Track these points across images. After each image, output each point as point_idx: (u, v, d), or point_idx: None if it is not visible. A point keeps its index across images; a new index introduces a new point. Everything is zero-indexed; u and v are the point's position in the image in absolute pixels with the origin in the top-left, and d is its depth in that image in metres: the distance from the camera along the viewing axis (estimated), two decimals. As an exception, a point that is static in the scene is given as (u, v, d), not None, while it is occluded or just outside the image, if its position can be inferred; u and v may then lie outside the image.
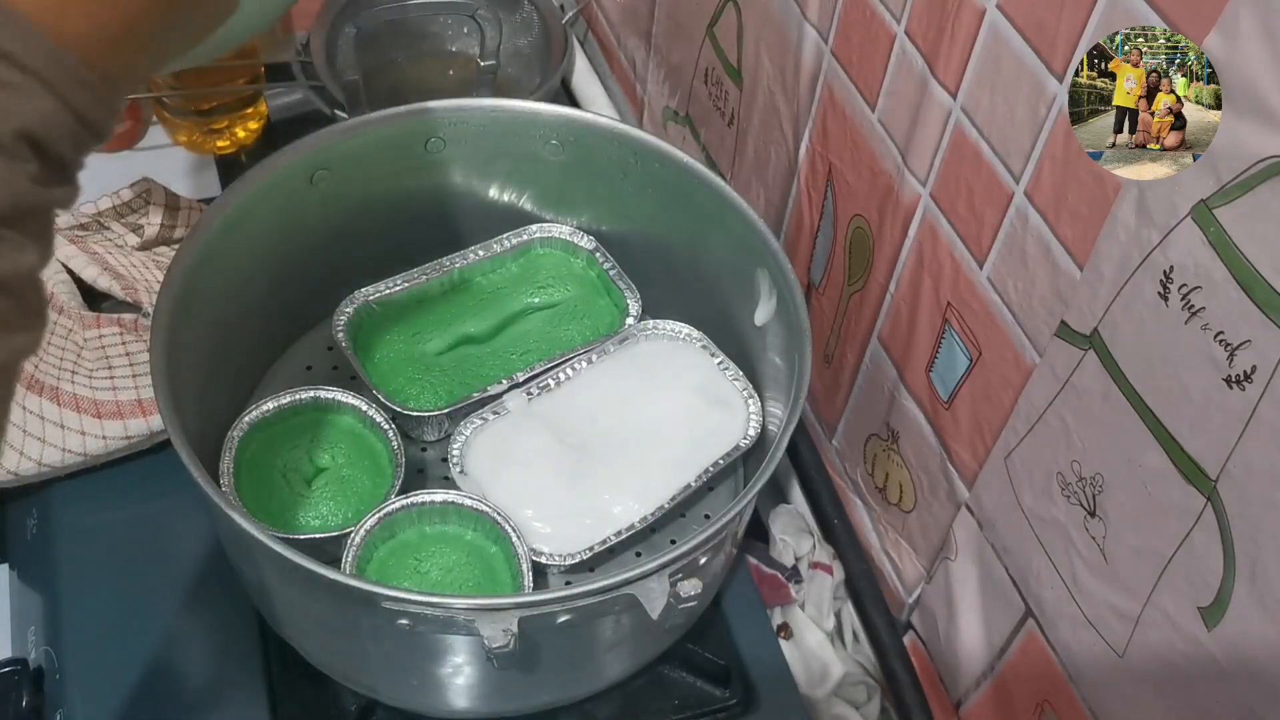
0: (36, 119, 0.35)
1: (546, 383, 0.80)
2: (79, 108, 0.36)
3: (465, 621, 0.61)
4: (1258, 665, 0.49)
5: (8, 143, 0.34)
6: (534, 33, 1.11)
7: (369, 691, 0.73)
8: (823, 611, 0.83)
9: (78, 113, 0.36)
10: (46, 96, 0.35)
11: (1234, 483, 0.48)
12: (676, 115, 1.02)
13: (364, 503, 0.74)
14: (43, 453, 0.80)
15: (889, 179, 0.71)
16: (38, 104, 0.35)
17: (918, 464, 0.75)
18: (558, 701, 0.74)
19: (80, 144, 0.37)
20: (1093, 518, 0.58)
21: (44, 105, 0.35)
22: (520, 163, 0.83)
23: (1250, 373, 0.46)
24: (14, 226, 0.35)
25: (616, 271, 0.85)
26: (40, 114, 0.35)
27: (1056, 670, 0.64)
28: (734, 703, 0.76)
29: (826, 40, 0.74)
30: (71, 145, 0.37)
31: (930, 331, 0.70)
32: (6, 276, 0.35)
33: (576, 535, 0.73)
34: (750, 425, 0.78)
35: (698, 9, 0.92)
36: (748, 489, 0.65)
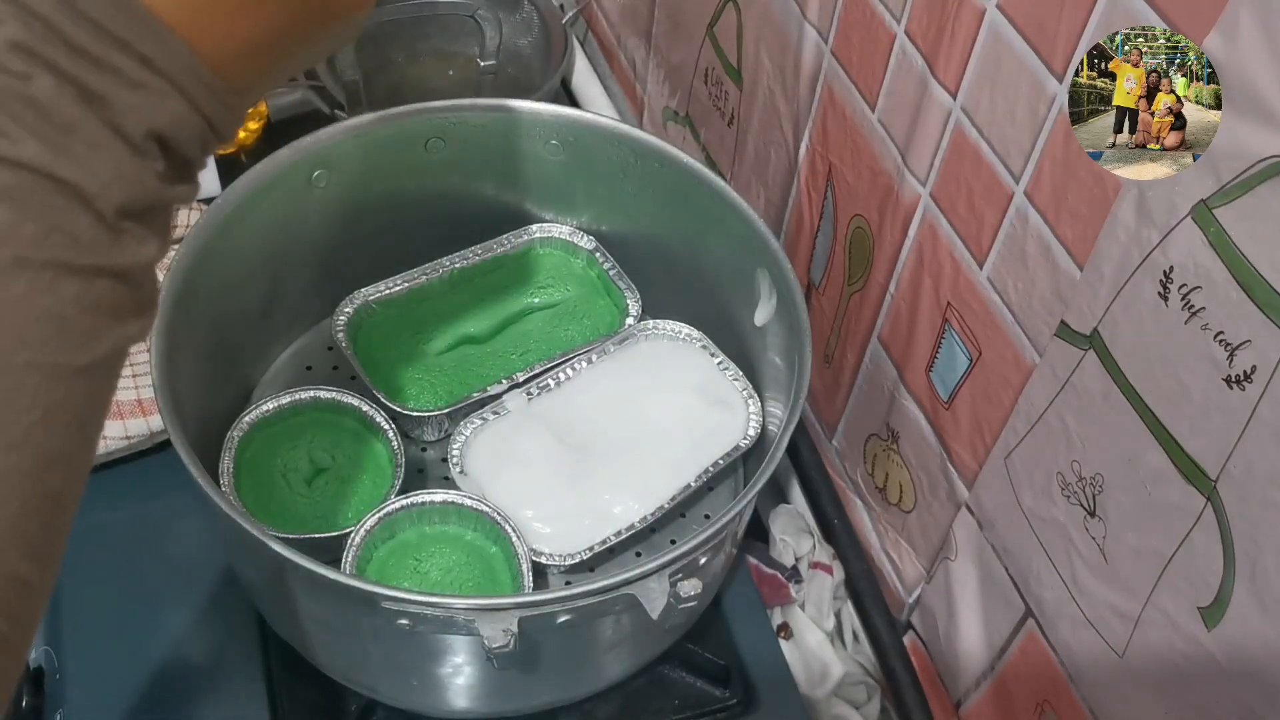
0: (168, 121, 0.37)
1: (546, 383, 0.80)
2: (208, 113, 0.38)
3: (465, 621, 0.61)
4: (1258, 665, 0.49)
5: (139, 141, 0.37)
6: (534, 33, 1.11)
7: (369, 691, 0.73)
8: (823, 611, 0.83)
9: (207, 117, 0.38)
10: (179, 100, 0.37)
11: (1234, 483, 0.48)
12: (676, 115, 1.02)
13: (364, 503, 0.74)
14: (43, 453, 0.80)
15: (889, 179, 0.71)
16: (170, 107, 0.37)
17: (918, 464, 0.75)
18: (558, 701, 0.74)
19: (206, 146, 0.39)
20: (1093, 518, 0.58)
21: (176, 108, 0.38)
22: (520, 163, 0.83)
23: (1250, 373, 0.46)
24: (139, 220, 0.38)
25: (616, 271, 0.85)
26: (172, 116, 0.37)
27: (1056, 670, 0.64)
28: (734, 703, 0.76)
29: (826, 40, 0.74)
30: (198, 147, 0.39)
31: (930, 331, 0.70)
32: (128, 267, 0.37)
33: (576, 535, 0.73)
34: (750, 425, 0.78)
35: (698, 9, 0.92)
36: (748, 489, 0.65)
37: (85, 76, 0.35)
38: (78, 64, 0.35)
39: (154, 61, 0.37)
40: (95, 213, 0.36)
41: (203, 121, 0.38)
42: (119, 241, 0.37)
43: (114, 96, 0.36)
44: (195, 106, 0.38)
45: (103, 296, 0.37)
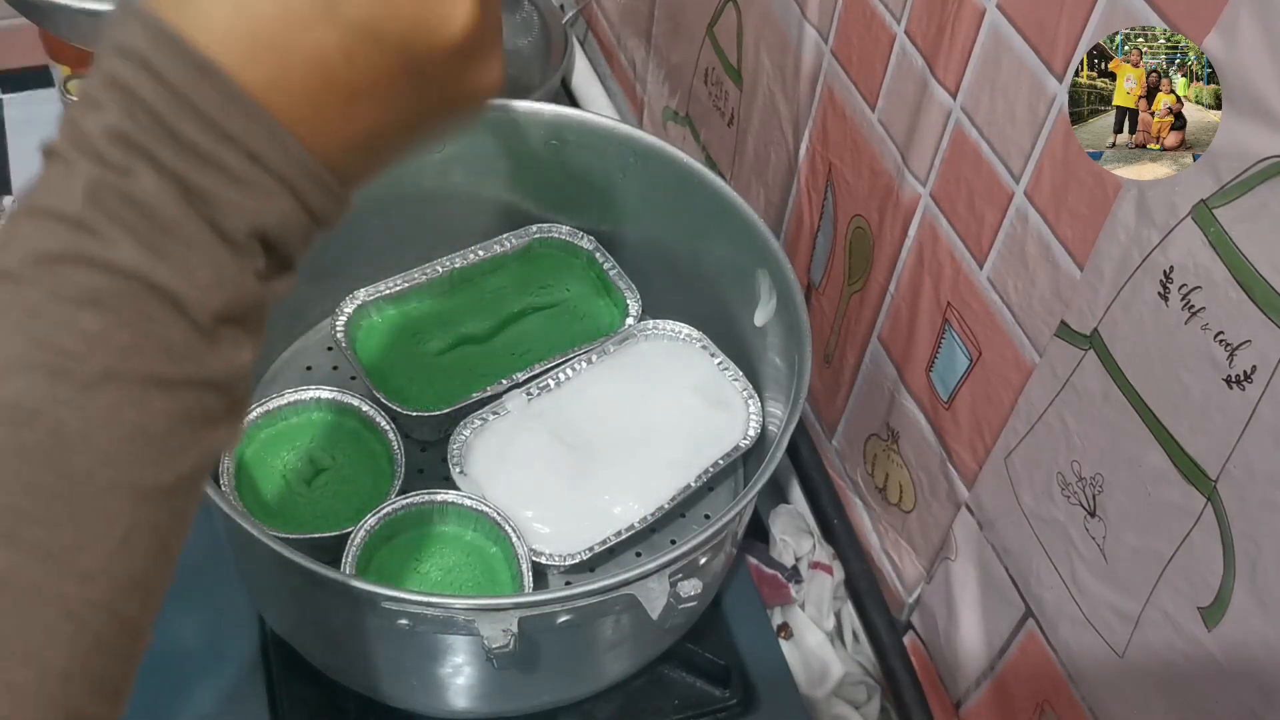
0: (275, 219, 0.35)
1: (546, 383, 0.80)
2: (316, 209, 0.36)
3: (465, 621, 0.61)
4: (1258, 665, 0.49)
5: (241, 240, 0.34)
6: (534, 33, 1.11)
7: (369, 691, 0.73)
8: (823, 611, 0.83)
9: (314, 213, 0.36)
10: (287, 198, 0.35)
11: (1234, 483, 0.48)
12: (676, 115, 1.02)
13: (364, 503, 0.74)
14: (43, 453, 0.80)
15: (889, 179, 0.71)
16: (277, 205, 0.35)
17: (918, 464, 0.75)
18: (558, 701, 0.74)
19: (309, 240, 0.37)
20: (1093, 518, 0.58)
21: (283, 206, 0.35)
22: (520, 163, 0.83)
23: (1250, 373, 0.46)
24: (235, 324, 0.35)
25: (616, 271, 0.85)
26: (279, 215, 0.35)
27: (1056, 670, 0.64)
28: (734, 703, 0.76)
29: (826, 40, 0.74)
30: (302, 242, 0.37)
31: (930, 331, 0.70)
32: (223, 376, 0.35)
33: (576, 535, 0.73)
34: (750, 425, 0.78)
35: (698, 9, 0.92)
36: (748, 489, 0.65)
37: (189, 173, 0.33)
38: (182, 159, 0.33)
39: (263, 158, 0.34)
40: (191, 320, 0.34)
41: (308, 217, 0.36)
42: (214, 349, 0.35)
43: (218, 194, 0.34)
44: (303, 203, 0.36)
45: (193, 407, 0.34)
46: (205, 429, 0.35)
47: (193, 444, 0.35)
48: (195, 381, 0.34)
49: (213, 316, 0.34)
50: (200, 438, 0.35)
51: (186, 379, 0.34)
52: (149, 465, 0.33)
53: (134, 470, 0.33)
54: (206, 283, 0.34)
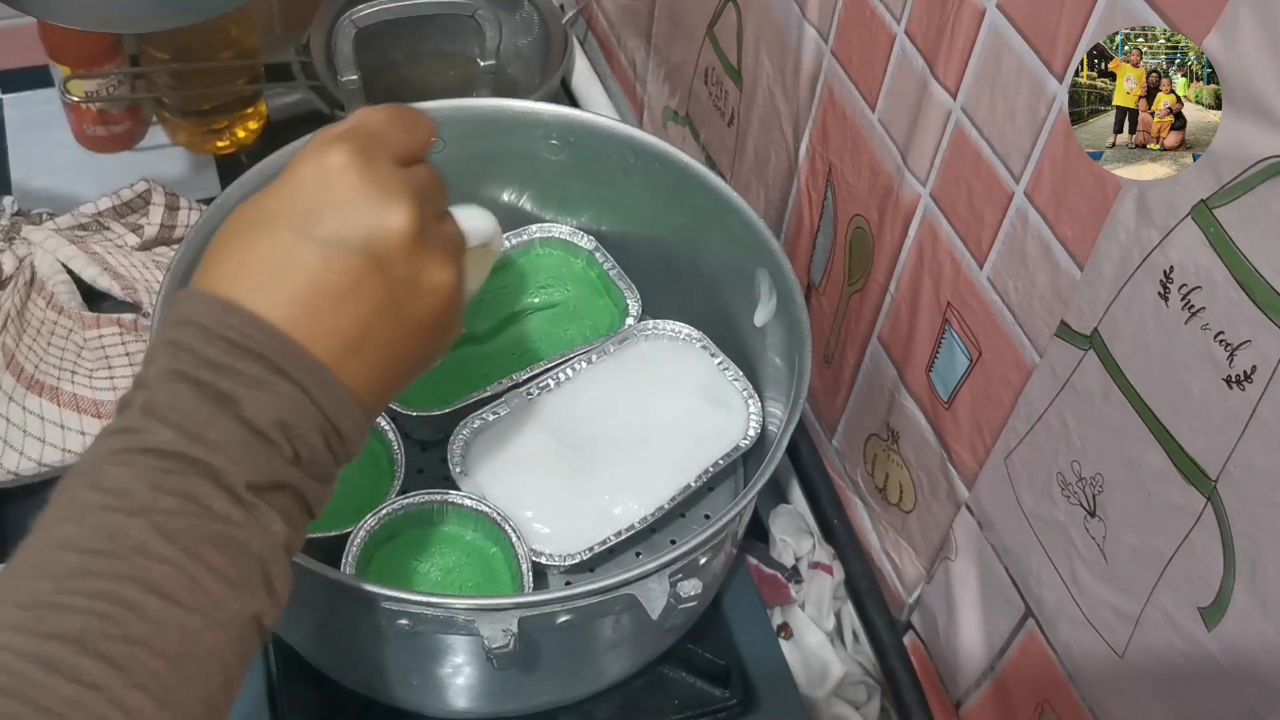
0: (288, 410, 0.44)
1: (546, 383, 0.80)
2: (320, 401, 0.45)
3: (465, 621, 0.61)
4: (1258, 665, 0.49)
5: (265, 428, 0.43)
6: (534, 33, 1.11)
7: (369, 691, 0.73)
8: (823, 611, 0.83)
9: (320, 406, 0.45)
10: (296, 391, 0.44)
11: (1234, 483, 0.48)
12: (676, 115, 1.02)
13: (364, 503, 0.74)
14: (43, 453, 0.80)
15: (889, 179, 0.71)
16: (288, 396, 0.44)
17: (918, 464, 0.75)
18: (558, 701, 0.74)
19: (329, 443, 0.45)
20: (1093, 518, 0.58)
21: (294, 397, 0.44)
22: (520, 163, 0.83)
23: (1250, 373, 0.46)
24: (267, 498, 0.43)
25: (616, 271, 0.85)
26: (291, 405, 0.44)
27: (1056, 670, 0.64)
28: (734, 703, 0.76)
29: (826, 40, 0.74)
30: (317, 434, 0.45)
31: (930, 331, 0.70)
32: (255, 541, 0.42)
33: (576, 535, 0.73)
34: (750, 425, 0.78)
35: (698, 9, 0.92)
36: (748, 489, 0.65)
37: (219, 382, 0.43)
38: (213, 374, 0.43)
39: (274, 362, 0.43)
40: (227, 488, 0.42)
41: (316, 409, 0.44)
42: (249, 515, 0.42)
43: (241, 395, 0.43)
44: (309, 395, 0.44)
45: (228, 566, 0.42)
46: (243, 591, 0.42)
47: (233, 600, 0.42)
48: (232, 540, 0.42)
49: (245, 485, 0.42)
50: (240, 597, 0.42)
51: (224, 537, 0.42)
52: (196, 610, 0.41)
53: (182, 608, 0.40)
54: (235, 457, 0.42)
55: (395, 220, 0.46)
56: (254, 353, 0.43)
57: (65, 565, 0.40)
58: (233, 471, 0.42)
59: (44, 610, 0.39)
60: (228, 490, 0.42)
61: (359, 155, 0.46)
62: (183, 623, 0.40)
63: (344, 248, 0.45)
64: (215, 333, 0.43)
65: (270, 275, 0.44)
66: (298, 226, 0.45)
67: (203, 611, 0.41)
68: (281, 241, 0.45)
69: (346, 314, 0.45)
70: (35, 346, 0.84)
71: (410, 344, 0.48)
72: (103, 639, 0.38)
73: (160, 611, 0.39)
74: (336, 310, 0.45)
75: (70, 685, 0.37)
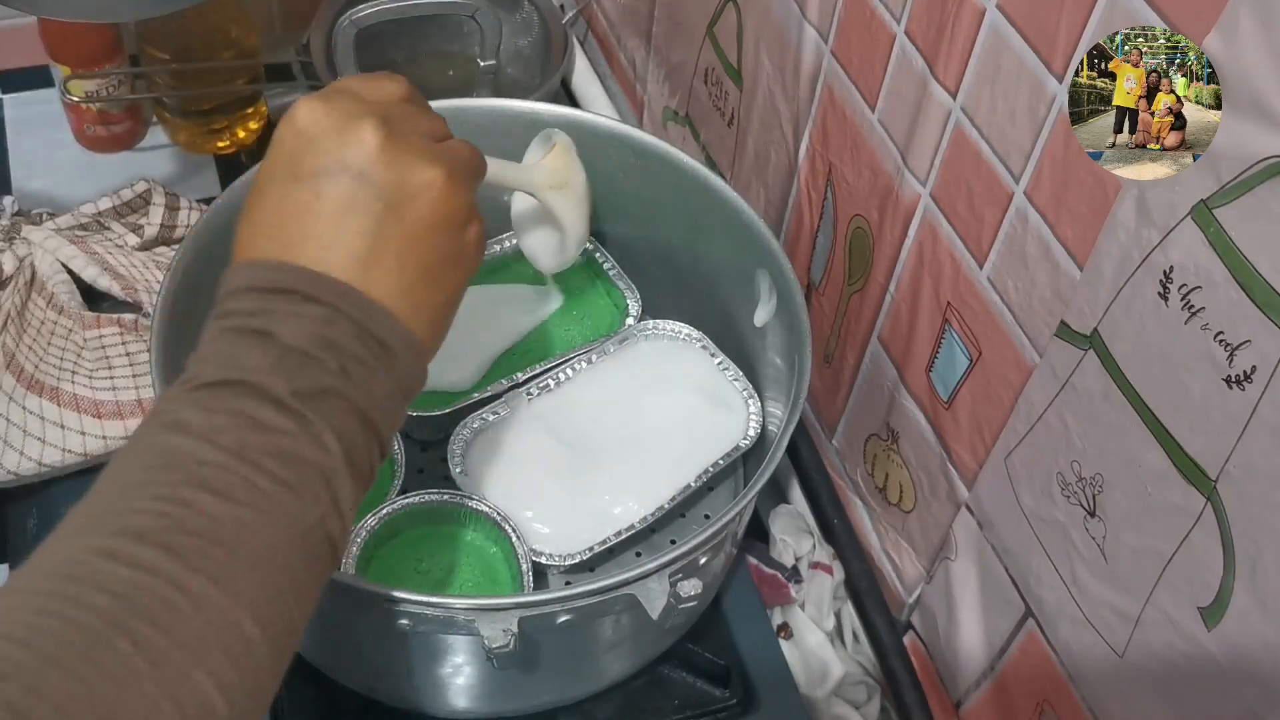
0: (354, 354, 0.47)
1: (546, 383, 0.80)
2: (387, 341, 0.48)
3: (465, 621, 0.61)
4: (1258, 665, 0.49)
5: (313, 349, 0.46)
6: (534, 33, 1.11)
7: (369, 691, 0.73)
8: (823, 611, 0.83)
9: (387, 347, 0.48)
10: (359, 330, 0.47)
11: (1234, 483, 0.48)
12: (676, 115, 1.02)
13: (364, 503, 0.74)
14: (43, 453, 0.80)
15: (889, 179, 0.71)
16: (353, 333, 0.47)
17: (918, 464, 0.75)
18: (558, 701, 0.74)
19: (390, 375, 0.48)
20: (1093, 518, 0.58)
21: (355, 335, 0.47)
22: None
23: (1250, 373, 0.46)
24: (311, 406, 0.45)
25: (616, 271, 0.85)
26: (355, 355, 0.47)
27: (1056, 670, 0.64)
28: (734, 703, 0.76)
29: (826, 40, 0.74)
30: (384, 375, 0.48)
31: (930, 331, 0.70)
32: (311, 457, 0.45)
33: (576, 535, 0.73)
34: (750, 425, 0.78)
35: (698, 9, 0.92)
36: (748, 489, 0.65)
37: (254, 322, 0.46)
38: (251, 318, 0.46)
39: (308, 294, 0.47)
40: (273, 399, 0.44)
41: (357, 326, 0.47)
42: (299, 424, 0.45)
43: (278, 326, 0.46)
44: (347, 315, 0.47)
45: (283, 471, 0.43)
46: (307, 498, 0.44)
47: (293, 503, 0.44)
48: (285, 448, 0.44)
49: (290, 393, 0.44)
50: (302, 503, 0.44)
51: (276, 445, 0.44)
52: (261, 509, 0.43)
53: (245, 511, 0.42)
54: (278, 372, 0.45)
55: (363, 135, 0.48)
56: (283, 290, 0.46)
57: (129, 479, 0.42)
58: (275, 383, 0.44)
59: (108, 516, 0.41)
60: (274, 400, 0.44)
61: (319, 99, 0.50)
62: (239, 517, 0.42)
63: (328, 175, 0.48)
64: (245, 287, 0.47)
65: (277, 223, 0.48)
66: (285, 175, 0.49)
67: (258, 508, 0.42)
68: (277, 193, 0.49)
69: (350, 230, 0.48)
70: (35, 346, 0.84)
71: (424, 246, 0.50)
72: (161, 532, 0.40)
73: (215, 506, 0.41)
74: (339, 231, 0.48)
75: (131, 570, 0.39)
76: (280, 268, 0.47)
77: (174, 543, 0.40)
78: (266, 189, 0.49)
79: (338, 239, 0.48)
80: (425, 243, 0.50)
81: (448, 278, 0.51)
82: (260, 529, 0.42)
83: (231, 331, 0.46)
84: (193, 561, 0.40)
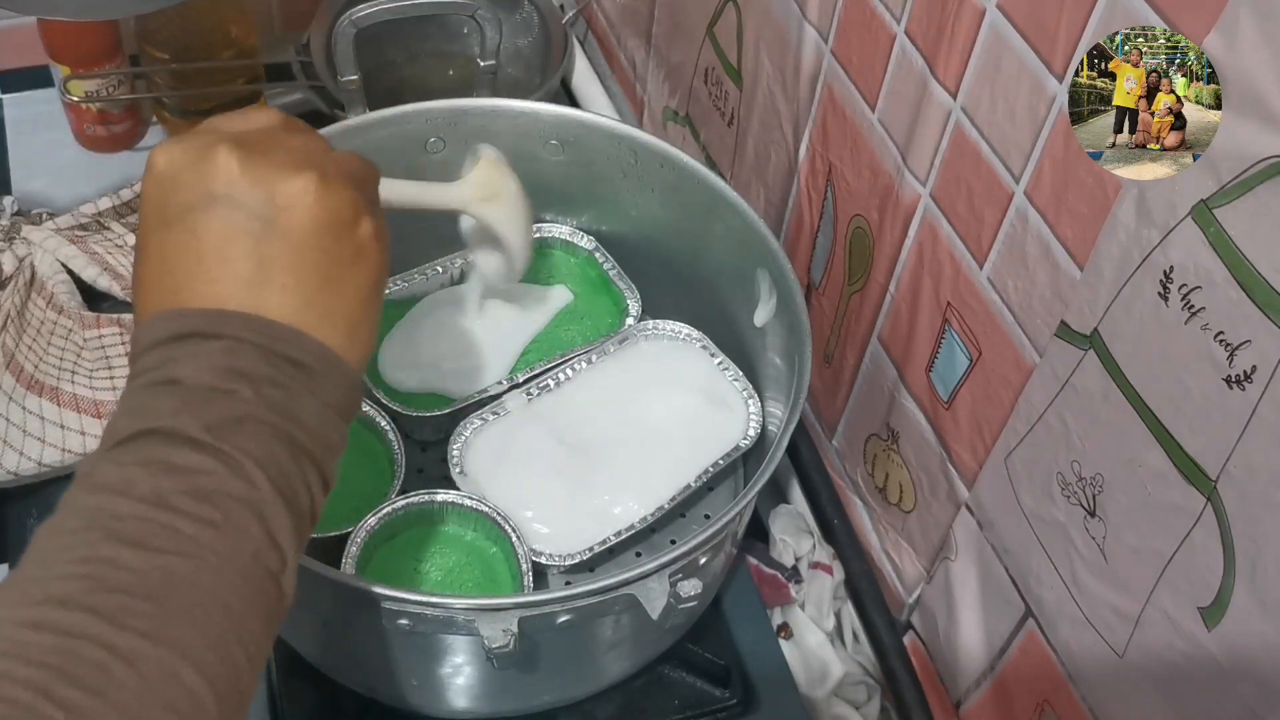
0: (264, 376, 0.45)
1: (546, 383, 0.80)
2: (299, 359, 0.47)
3: (465, 621, 0.61)
4: (1258, 665, 0.49)
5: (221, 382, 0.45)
6: (534, 33, 1.11)
7: (369, 691, 0.73)
8: (823, 611, 0.83)
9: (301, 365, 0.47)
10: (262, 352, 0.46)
11: (1234, 483, 0.48)
12: (676, 115, 1.02)
13: (364, 503, 0.74)
14: (43, 453, 0.80)
15: (889, 179, 0.71)
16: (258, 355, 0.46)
17: (918, 464, 0.75)
18: (558, 701, 0.74)
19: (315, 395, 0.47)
20: (1093, 518, 0.58)
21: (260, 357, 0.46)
22: (520, 163, 0.83)
23: (1250, 373, 0.46)
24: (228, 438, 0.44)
25: (616, 271, 0.85)
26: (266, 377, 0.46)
27: (1056, 670, 0.64)
28: (734, 703, 0.76)
29: (826, 40, 0.74)
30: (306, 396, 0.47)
31: (930, 331, 0.70)
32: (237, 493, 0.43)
33: (576, 535, 0.73)
34: (750, 425, 0.78)
35: (698, 9, 0.92)
36: (748, 489, 0.65)
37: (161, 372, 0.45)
38: (159, 370, 0.45)
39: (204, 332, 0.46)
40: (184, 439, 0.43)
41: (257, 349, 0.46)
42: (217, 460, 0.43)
43: (181, 370, 0.45)
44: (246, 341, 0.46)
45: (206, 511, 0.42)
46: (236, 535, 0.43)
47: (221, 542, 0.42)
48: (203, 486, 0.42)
49: (202, 428, 0.43)
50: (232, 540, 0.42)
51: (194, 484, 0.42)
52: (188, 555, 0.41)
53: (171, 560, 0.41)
54: (186, 412, 0.43)
55: (220, 161, 0.47)
56: (181, 335, 0.45)
57: (50, 547, 0.41)
58: (185, 424, 0.43)
59: (31, 586, 0.40)
60: (187, 440, 0.43)
61: (173, 141, 0.48)
62: (164, 566, 0.40)
63: (196, 210, 0.47)
64: (149, 344, 0.45)
65: (162, 271, 0.47)
66: (157, 223, 0.47)
67: (183, 553, 0.41)
68: (155, 242, 0.47)
69: (233, 257, 0.46)
70: (35, 346, 0.84)
71: (314, 253, 0.48)
72: (85, 595, 0.39)
73: (136, 559, 0.40)
74: (222, 261, 0.46)
75: (56, 637, 0.37)
76: (175, 315, 0.46)
77: (98, 603, 0.38)
78: (145, 243, 0.48)
79: (223, 270, 0.46)
80: (314, 250, 0.48)
81: (350, 280, 0.49)
82: (189, 574, 0.41)
83: (140, 388, 0.45)
84: (119, 619, 0.38)
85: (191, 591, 0.40)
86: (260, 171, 0.47)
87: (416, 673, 0.69)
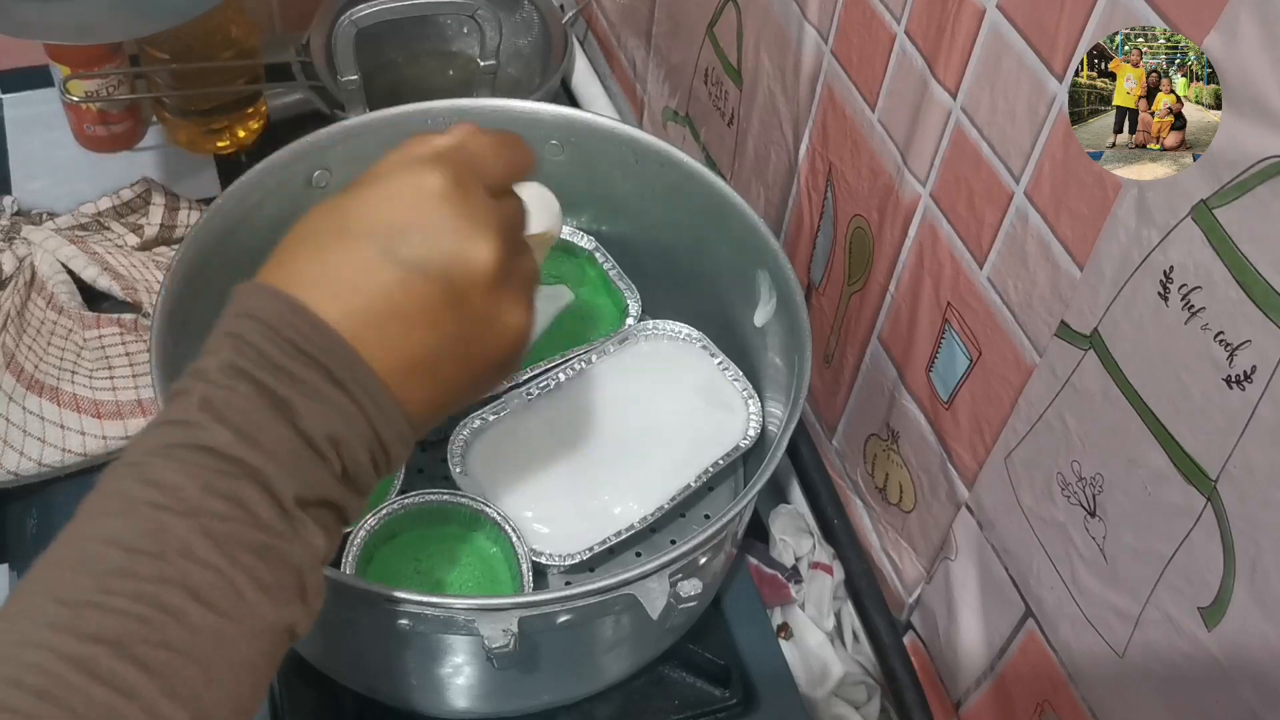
0: (342, 425, 0.43)
1: (546, 382, 0.80)
2: (376, 422, 0.44)
3: (465, 621, 0.61)
4: (1258, 665, 0.49)
5: (319, 441, 0.43)
6: (534, 33, 1.11)
7: (369, 691, 0.73)
8: (823, 611, 0.83)
9: (375, 428, 0.44)
10: (353, 409, 0.44)
11: (1234, 483, 0.48)
12: (676, 115, 1.02)
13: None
14: (43, 453, 0.80)
15: (889, 179, 0.71)
16: (345, 414, 0.43)
17: (918, 464, 0.75)
18: (558, 701, 0.74)
19: (375, 460, 0.45)
20: (1093, 518, 0.58)
21: (350, 414, 0.44)
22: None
23: (1250, 373, 0.46)
24: (313, 511, 0.43)
25: (616, 271, 0.85)
26: (346, 421, 0.43)
27: (1056, 670, 0.64)
28: (734, 703, 0.76)
29: (826, 40, 0.74)
30: (365, 453, 0.44)
31: (930, 331, 0.70)
32: (297, 555, 0.42)
33: (576, 535, 0.73)
34: (750, 426, 0.78)
35: (698, 9, 0.92)
36: (748, 489, 0.65)
37: (278, 387, 0.42)
38: (274, 377, 0.42)
39: (335, 374, 0.43)
40: (275, 498, 0.41)
41: (371, 430, 0.44)
42: (292, 528, 0.42)
43: (299, 403, 0.42)
44: (366, 415, 0.44)
45: (268, 576, 0.41)
46: (279, 601, 0.42)
47: (268, 607, 0.41)
48: (274, 550, 0.41)
49: (293, 498, 0.42)
50: (275, 606, 0.41)
51: (267, 546, 0.41)
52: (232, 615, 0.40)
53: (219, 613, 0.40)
54: (287, 468, 0.42)
55: (481, 256, 0.45)
56: (315, 359, 0.43)
57: (109, 562, 0.39)
58: (283, 482, 0.42)
59: (85, 609, 0.38)
60: (276, 500, 0.41)
61: (455, 182, 0.46)
62: (220, 630, 0.39)
63: (425, 274, 0.44)
64: (280, 332, 0.43)
65: (345, 287, 0.44)
66: (381, 243, 0.44)
67: (239, 619, 0.40)
68: (361, 255, 0.44)
69: (414, 339, 0.45)
70: (35, 346, 0.84)
71: (472, 377, 0.48)
72: (141, 644, 0.38)
73: (199, 618, 0.39)
74: (406, 334, 0.44)
75: (105, 690, 0.37)
76: (323, 331, 0.43)
77: (152, 659, 0.38)
78: (350, 235, 0.45)
79: (397, 340, 0.44)
80: (476, 374, 0.48)
81: (471, 399, 0.50)
82: (238, 642, 0.40)
83: (250, 384, 0.42)
84: (169, 683, 0.38)
85: (236, 660, 0.40)
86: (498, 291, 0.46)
87: (416, 673, 0.69)
